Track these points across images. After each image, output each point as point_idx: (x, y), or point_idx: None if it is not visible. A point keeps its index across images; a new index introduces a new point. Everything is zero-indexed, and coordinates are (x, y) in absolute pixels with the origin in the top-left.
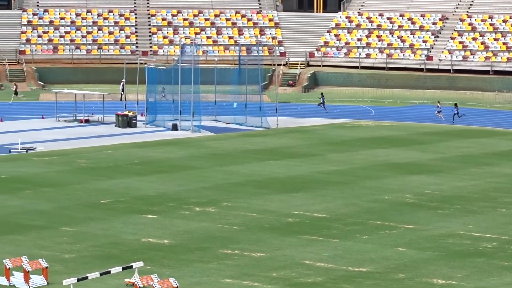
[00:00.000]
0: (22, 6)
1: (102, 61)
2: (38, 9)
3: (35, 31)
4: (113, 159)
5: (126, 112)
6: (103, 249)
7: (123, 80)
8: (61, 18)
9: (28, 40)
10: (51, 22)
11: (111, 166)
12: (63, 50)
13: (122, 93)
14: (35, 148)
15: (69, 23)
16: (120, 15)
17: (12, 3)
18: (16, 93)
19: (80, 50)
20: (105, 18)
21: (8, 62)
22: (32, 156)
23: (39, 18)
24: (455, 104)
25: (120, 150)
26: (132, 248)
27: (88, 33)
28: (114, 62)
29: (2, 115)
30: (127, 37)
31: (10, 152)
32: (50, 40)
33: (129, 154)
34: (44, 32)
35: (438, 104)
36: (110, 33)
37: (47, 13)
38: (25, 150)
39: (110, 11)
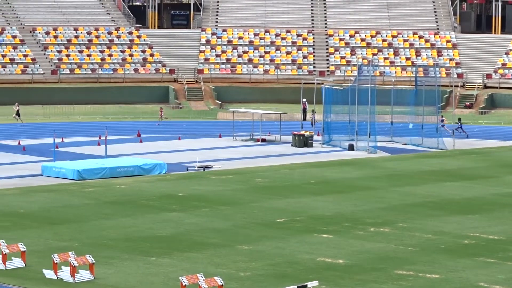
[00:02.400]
0: (201, 26)
1: (279, 81)
2: (216, 28)
3: (214, 50)
4: (290, 179)
5: (302, 132)
6: (278, 268)
7: (304, 100)
8: (239, 38)
9: (206, 59)
10: (229, 41)
11: (287, 185)
12: (241, 70)
13: (304, 113)
14: (212, 167)
15: (247, 43)
16: (298, 35)
17: (191, 23)
18: (18, 114)
19: (258, 70)
20: (282, 38)
21: (186, 81)
22: (209, 175)
23: (218, 38)
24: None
25: (296, 170)
26: (307, 267)
27: (266, 52)
28: (291, 82)
29: (180, 134)
30: (304, 57)
31: (187, 170)
32: (228, 60)
33: (305, 174)
34: (222, 52)
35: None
36: (287, 53)
37: (225, 32)
38: (202, 168)
39: (288, 31)
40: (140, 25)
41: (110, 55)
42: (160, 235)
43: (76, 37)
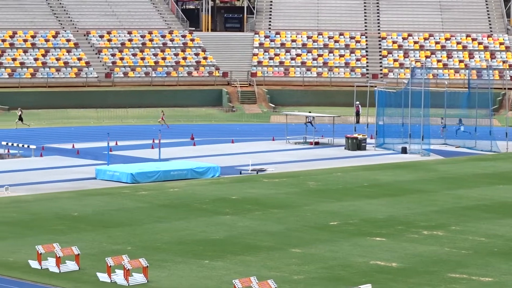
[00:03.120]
0: (254, 29)
1: (333, 84)
2: (270, 31)
3: (267, 53)
4: (343, 181)
5: (356, 135)
6: (331, 271)
7: (357, 103)
8: (293, 41)
9: (259, 62)
10: (282, 44)
11: (340, 188)
12: (294, 73)
13: (357, 116)
14: (265, 170)
15: (300, 46)
16: (351, 37)
17: (244, 26)
18: (20, 118)
19: (311, 73)
20: (336, 41)
21: (240, 84)
22: (262, 178)
23: (271, 41)
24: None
25: (349, 173)
26: (360, 271)
27: (319, 55)
28: (344, 85)
29: (233, 137)
30: (357, 59)
31: (241, 173)
32: (281, 63)
33: (358, 177)
34: (276, 55)
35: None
36: (340, 55)
37: (278, 35)
38: (256, 172)
39: (341, 34)
40: (194, 28)
41: (163, 58)
42: (213, 238)
43: (130, 40)
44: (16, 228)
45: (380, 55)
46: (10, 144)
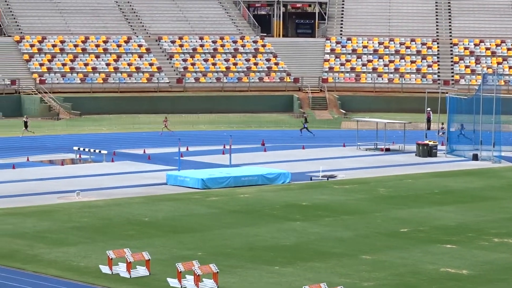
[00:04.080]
0: (326, 35)
1: (404, 90)
2: (341, 37)
3: (338, 59)
4: (413, 188)
5: (427, 141)
6: (401, 278)
7: (429, 109)
8: (364, 47)
9: (331, 68)
10: (353, 50)
11: (411, 195)
12: (365, 79)
13: (428, 122)
14: (336, 176)
15: (372, 52)
16: (423, 44)
17: (315, 32)
18: (26, 126)
19: (382, 79)
20: (407, 47)
21: (311, 90)
22: (333, 184)
23: (342, 47)
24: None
25: (420, 179)
26: (430, 278)
27: (390, 61)
28: (415, 91)
29: (304, 143)
30: (429, 66)
31: (311, 179)
32: (352, 69)
33: (429, 184)
34: (347, 61)
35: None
36: (412, 62)
37: (350, 41)
38: (326, 178)
39: (412, 40)
40: (265, 34)
41: (235, 64)
42: (283, 244)
43: (201, 45)
44: (87, 233)
45: (451, 61)
46: (81, 149)
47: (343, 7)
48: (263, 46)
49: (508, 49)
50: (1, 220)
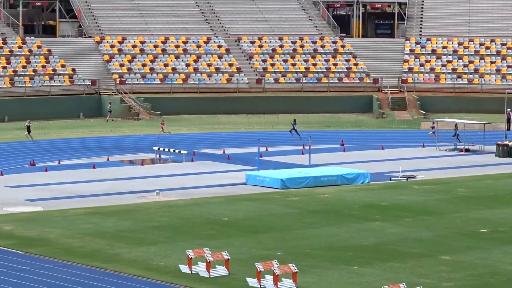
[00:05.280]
0: (405, 35)
1: (483, 91)
2: (420, 38)
3: (417, 60)
4: (493, 189)
5: (506, 142)
6: (481, 279)
7: (508, 110)
8: (443, 47)
9: (410, 69)
10: (433, 51)
11: (490, 195)
12: (445, 79)
13: (508, 123)
14: (415, 176)
15: (451, 52)
16: (502, 44)
17: (395, 32)
18: (28, 130)
19: (462, 79)
20: (487, 47)
21: (390, 90)
22: (412, 184)
23: (422, 47)
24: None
25: (500, 180)
26: (510, 278)
27: (470, 62)
28: (495, 92)
29: (383, 143)
30: (509, 66)
31: (390, 179)
32: (432, 69)
33: (509, 184)
34: (426, 61)
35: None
36: (492, 62)
37: (429, 42)
38: (405, 178)
39: (492, 40)
40: (344, 35)
41: (314, 65)
42: (362, 244)
43: (281, 46)
44: (167, 233)
45: None
46: (161, 149)
47: (422, 8)
48: (343, 46)
49: None
50: (82, 220)
